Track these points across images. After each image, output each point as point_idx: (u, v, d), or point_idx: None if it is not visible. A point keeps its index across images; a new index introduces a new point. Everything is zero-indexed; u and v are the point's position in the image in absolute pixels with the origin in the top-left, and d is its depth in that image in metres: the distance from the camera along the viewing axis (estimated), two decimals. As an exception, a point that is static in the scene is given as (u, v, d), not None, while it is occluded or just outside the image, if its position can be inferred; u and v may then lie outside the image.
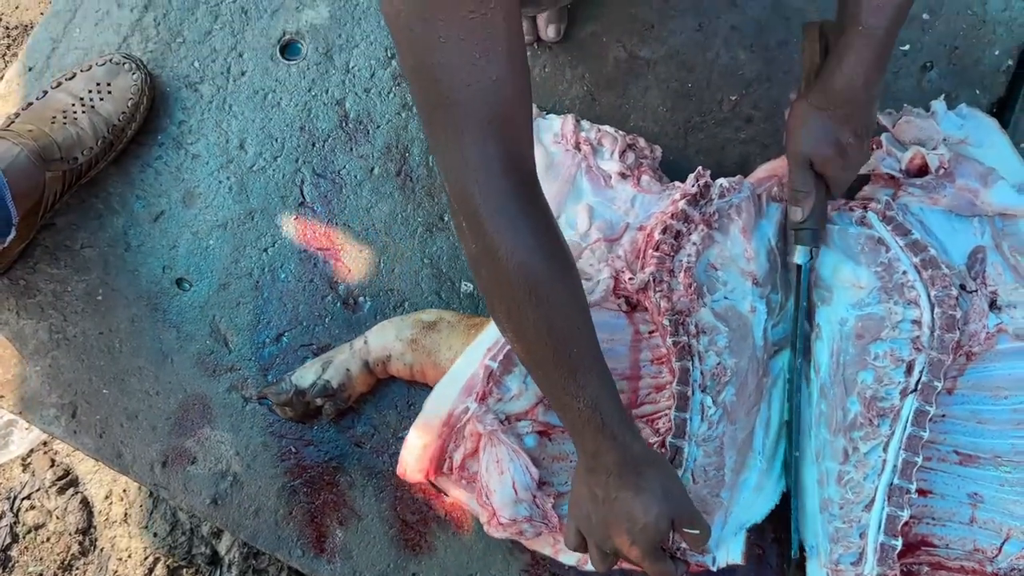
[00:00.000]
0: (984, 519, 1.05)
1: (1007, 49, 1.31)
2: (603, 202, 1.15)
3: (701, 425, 1.04)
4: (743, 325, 1.08)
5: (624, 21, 1.31)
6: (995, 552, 1.04)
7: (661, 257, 1.07)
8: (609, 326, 1.08)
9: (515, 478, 1.02)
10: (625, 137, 1.20)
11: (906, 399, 1.03)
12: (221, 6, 1.31)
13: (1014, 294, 1.07)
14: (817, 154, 1.03)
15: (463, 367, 1.07)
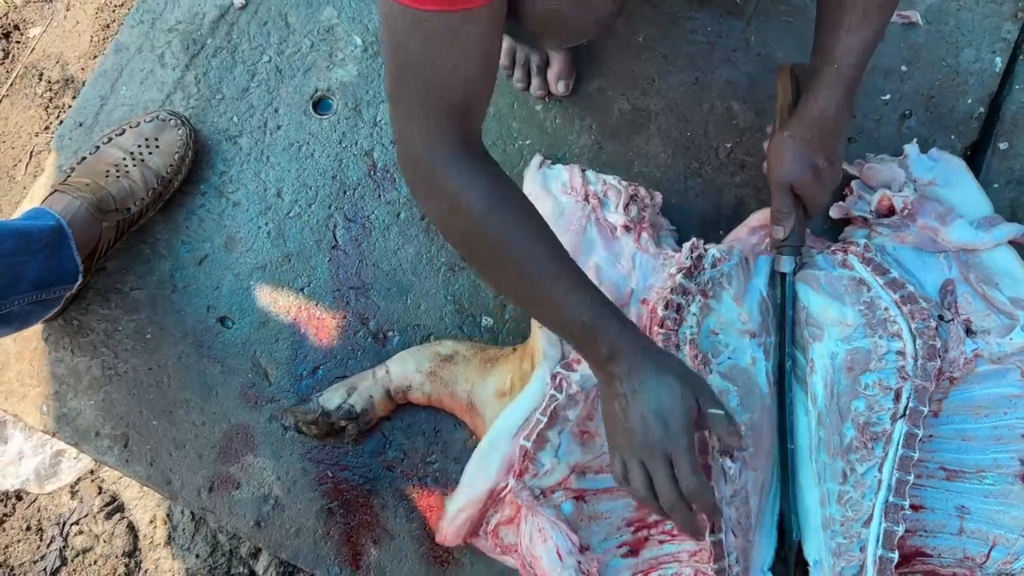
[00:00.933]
0: (972, 529, 1.11)
1: (979, 97, 1.40)
2: (609, 258, 1.20)
3: (726, 487, 1.10)
4: (748, 379, 1.15)
5: (627, 77, 1.40)
6: (983, 559, 1.10)
7: (666, 333, 1.13)
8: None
9: (558, 544, 1.09)
10: (628, 188, 1.26)
11: (896, 423, 1.10)
12: (257, 65, 1.41)
13: (986, 320, 1.15)
14: (796, 178, 1.13)
15: (497, 441, 1.13)
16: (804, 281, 1.19)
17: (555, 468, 1.12)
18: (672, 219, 1.33)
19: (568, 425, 1.13)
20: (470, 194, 0.92)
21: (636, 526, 1.16)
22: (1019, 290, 1.16)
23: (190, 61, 1.41)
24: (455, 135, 0.92)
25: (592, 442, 1.15)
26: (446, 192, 0.92)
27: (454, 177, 0.92)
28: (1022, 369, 1.12)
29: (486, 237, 0.93)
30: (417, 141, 0.92)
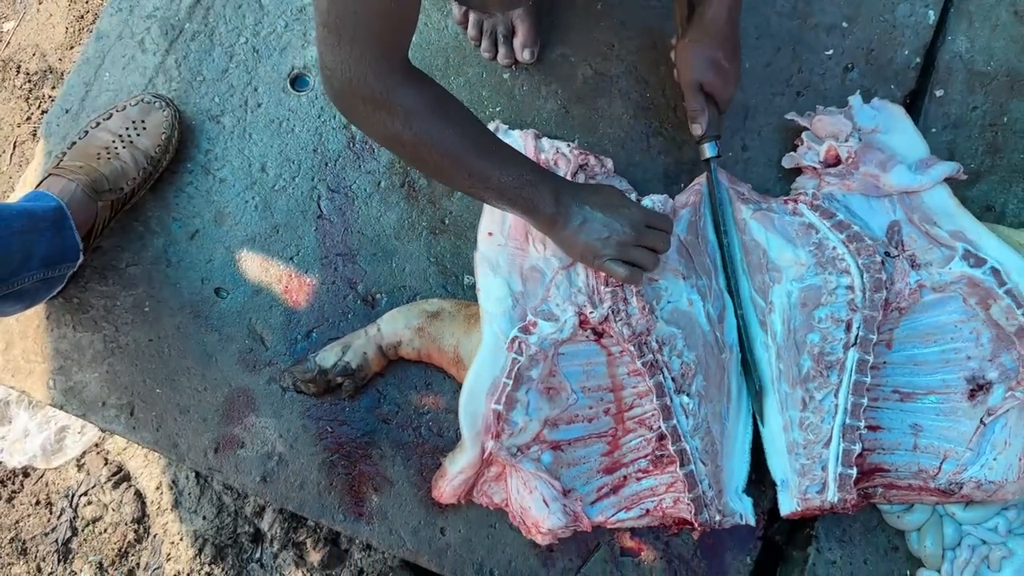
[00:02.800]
0: (925, 445, 1.19)
1: (915, 48, 1.48)
2: None
3: (688, 421, 1.17)
4: (689, 320, 1.21)
5: (588, 43, 1.44)
6: (936, 471, 1.17)
7: (613, 291, 1.19)
8: (584, 353, 1.20)
9: (543, 492, 1.15)
10: (578, 156, 1.31)
11: (848, 352, 1.17)
12: (235, 47, 1.44)
13: (928, 254, 1.22)
14: (704, 77, 1.25)
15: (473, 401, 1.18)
16: (760, 221, 1.26)
17: (528, 425, 1.17)
18: (636, 175, 1.39)
19: (533, 383, 1.18)
20: (416, 104, 1.01)
21: (611, 466, 1.22)
22: (956, 223, 1.24)
23: (170, 46, 1.43)
24: (392, 55, 0.99)
25: (558, 396, 1.20)
26: (393, 108, 1.00)
27: (399, 94, 0.99)
28: (963, 295, 1.19)
29: (435, 140, 1.03)
30: (355, 65, 0.97)
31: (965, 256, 1.18)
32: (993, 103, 1.44)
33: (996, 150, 1.42)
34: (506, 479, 1.20)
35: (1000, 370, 1.16)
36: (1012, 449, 1.13)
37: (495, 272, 1.23)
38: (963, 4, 1.50)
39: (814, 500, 1.16)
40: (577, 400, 1.19)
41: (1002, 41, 1.48)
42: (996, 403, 1.15)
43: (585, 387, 1.20)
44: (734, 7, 1.23)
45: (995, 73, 1.46)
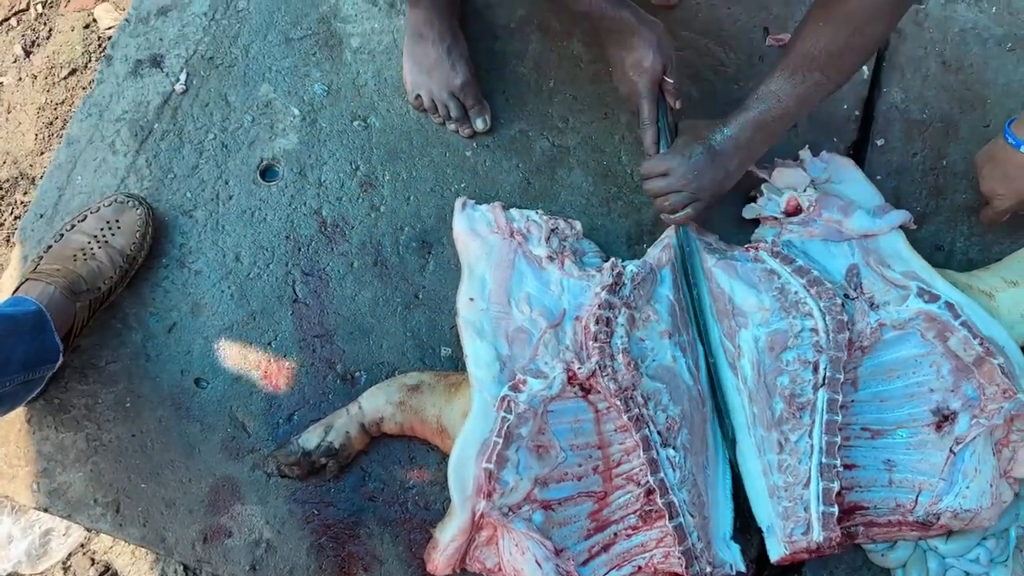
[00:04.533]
0: (899, 479, 1.20)
1: (853, 102, 1.54)
2: (540, 286, 1.28)
3: (675, 474, 1.18)
4: (673, 375, 1.23)
5: (544, 118, 1.49)
6: (912, 504, 1.19)
7: (601, 347, 1.20)
8: (572, 411, 1.21)
9: (535, 553, 1.14)
10: (548, 222, 1.34)
11: (818, 392, 1.19)
12: (204, 143, 1.47)
13: (886, 295, 1.25)
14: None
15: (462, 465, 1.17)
16: (723, 269, 1.29)
17: (519, 484, 1.17)
18: (600, 239, 1.43)
19: (523, 442, 1.18)
20: None
21: (601, 524, 1.21)
22: (908, 266, 1.28)
23: (140, 146, 1.46)
24: None
25: (548, 454, 1.20)
26: None
27: None
28: (921, 331, 1.22)
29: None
30: None
31: (920, 293, 1.22)
32: (931, 149, 1.50)
33: (939, 192, 1.48)
34: (497, 542, 1.19)
35: (963, 399, 1.19)
36: (983, 476, 1.15)
37: (481, 337, 1.24)
38: (894, 58, 1.58)
39: (800, 542, 1.17)
40: (566, 458, 1.20)
41: (933, 90, 1.55)
42: (963, 432, 1.17)
43: (573, 445, 1.21)
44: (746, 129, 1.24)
45: (930, 120, 1.53)
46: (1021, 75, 1.57)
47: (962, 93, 1.55)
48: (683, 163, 1.26)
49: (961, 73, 1.57)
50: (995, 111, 1.54)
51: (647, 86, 1.30)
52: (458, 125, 1.46)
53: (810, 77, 1.18)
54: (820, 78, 1.18)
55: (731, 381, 1.26)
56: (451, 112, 1.44)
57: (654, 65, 1.28)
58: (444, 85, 1.43)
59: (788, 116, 1.22)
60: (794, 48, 1.19)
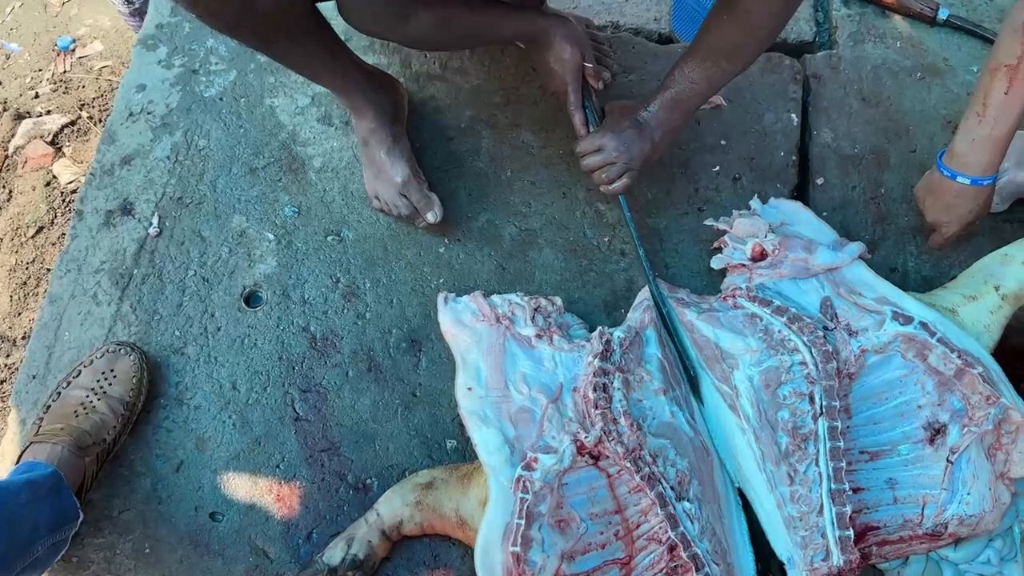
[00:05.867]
0: (903, 496, 1.23)
1: (788, 149, 1.63)
2: (533, 364, 1.31)
3: (694, 526, 1.19)
4: (674, 430, 1.26)
5: (507, 206, 1.54)
6: (920, 518, 1.21)
7: (602, 412, 1.23)
8: (585, 480, 1.23)
9: None
10: (530, 302, 1.38)
11: (818, 422, 1.22)
12: (185, 281, 1.50)
13: (861, 321, 1.30)
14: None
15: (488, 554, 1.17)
16: (706, 321, 1.34)
17: (546, 563, 1.17)
18: (580, 310, 1.47)
19: (544, 519, 1.19)
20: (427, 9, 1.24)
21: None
22: (878, 291, 1.33)
23: (122, 293, 1.48)
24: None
25: (569, 527, 1.21)
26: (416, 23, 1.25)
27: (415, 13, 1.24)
28: (901, 352, 1.27)
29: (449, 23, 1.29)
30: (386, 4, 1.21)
31: (895, 317, 1.27)
32: (868, 179, 1.60)
33: (883, 219, 1.57)
34: None
35: (950, 411, 1.24)
36: (981, 481, 1.20)
37: (486, 424, 1.26)
38: (818, 101, 1.68)
39: (822, 568, 1.18)
40: (588, 528, 1.21)
41: (859, 125, 1.66)
42: (956, 442, 1.21)
43: (592, 514, 1.22)
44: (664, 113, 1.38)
45: (862, 153, 1.62)
46: (934, 99, 1.68)
47: (886, 124, 1.65)
48: (614, 139, 1.38)
49: (881, 106, 1.67)
50: (918, 136, 1.64)
51: (570, 74, 1.42)
52: (413, 221, 1.51)
53: (716, 64, 1.33)
54: (725, 65, 1.33)
55: (734, 422, 1.28)
56: (401, 210, 1.50)
57: (573, 55, 1.40)
58: (389, 185, 1.48)
59: (700, 95, 1.37)
60: (702, 39, 1.33)
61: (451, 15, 1.30)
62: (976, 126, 1.27)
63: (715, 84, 1.36)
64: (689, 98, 1.37)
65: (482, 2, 1.38)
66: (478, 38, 1.47)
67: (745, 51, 1.33)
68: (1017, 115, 1.24)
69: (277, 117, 1.63)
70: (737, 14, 1.27)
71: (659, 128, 1.39)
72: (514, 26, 1.40)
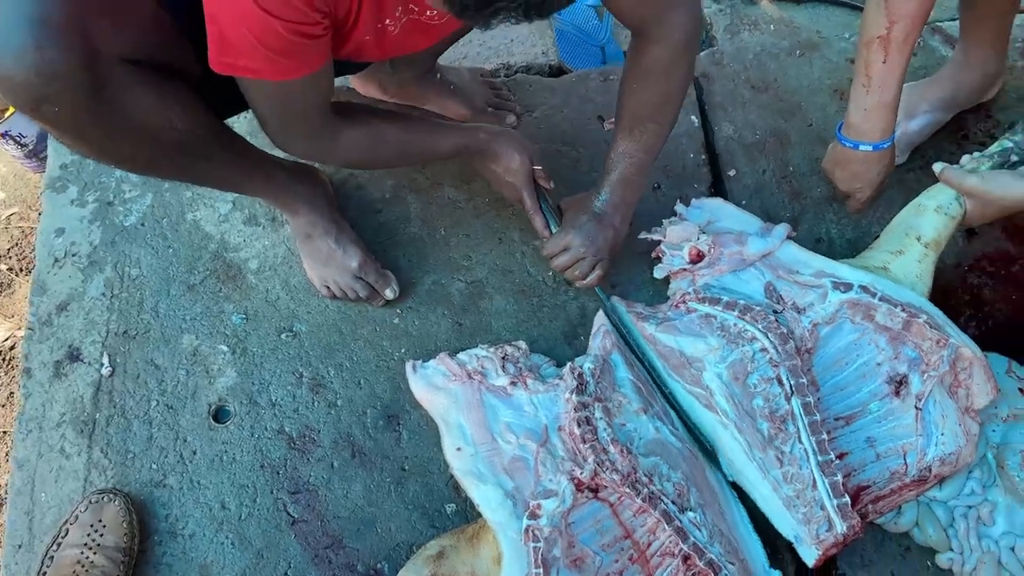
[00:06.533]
0: (884, 450, 1.29)
1: (696, 149, 1.69)
2: (514, 412, 1.33)
3: (702, 532, 1.22)
4: (662, 445, 1.30)
5: (449, 263, 1.57)
6: (904, 468, 1.27)
7: (591, 445, 1.25)
8: (591, 514, 1.25)
9: None
10: (496, 351, 1.40)
11: (791, 401, 1.28)
12: (150, 412, 1.47)
13: (805, 298, 1.37)
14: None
15: None
16: (665, 331, 1.39)
17: None
18: (542, 348, 1.49)
19: (559, 562, 1.20)
20: (356, 132, 1.31)
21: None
22: (813, 266, 1.40)
23: (90, 441, 1.45)
24: (329, 116, 1.27)
25: (584, 564, 1.22)
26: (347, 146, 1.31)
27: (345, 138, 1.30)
28: (849, 318, 1.34)
29: (381, 145, 1.35)
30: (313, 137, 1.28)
31: (835, 286, 1.34)
32: (775, 161, 1.67)
33: (797, 194, 1.65)
34: None
35: (907, 362, 1.30)
36: (950, 420, 1.26)
37: (483, 481, 1.27)
38: (712, 98, 1.76)
39: (828, 539, 1.23)
40: (602, 561, 1.23)
41: (755, 112, 1.74)
42: (919, 389, 1.28)
43: (603, 544, 1.24)
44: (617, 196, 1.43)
45: (764, 138, 1.70)
46: (817, 72, 1.78)
47: (778, 106, 1.74)
48: (578, 235, 1.43)
49: (770, 89, 1.76)
50: (810, 110, 1.73)
51: (523, 182, 1.46)
52: (371, 301, 1.53)
53: (646, 129, 1.36)
54: (654, 127, 1.37)
55: (715, 420, 1.32)
56: (359, 293, 1.51)
57: (522, 163, 1.44)
58: (344, 271, 1.50)
59: (643, 165, 1.41)
60: (623, 113, 1.37)
61: (383, 132, 1.33)
62: (865, 96, 1.35)
63: (652, 148, 1.39)
64: (634, 173, 1.41)
65: (420, 120, 1.43)
66: (417, 155, 1.47)
67: (667, 107, 1.36)
68: (900, 78, 1.33)
69: (203, 229, 1.62)
70: (642, 76, 1.32)
71: (616, 213, 1.43)
72: (454, 141, 1.41)
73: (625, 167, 1.40)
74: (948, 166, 1.36)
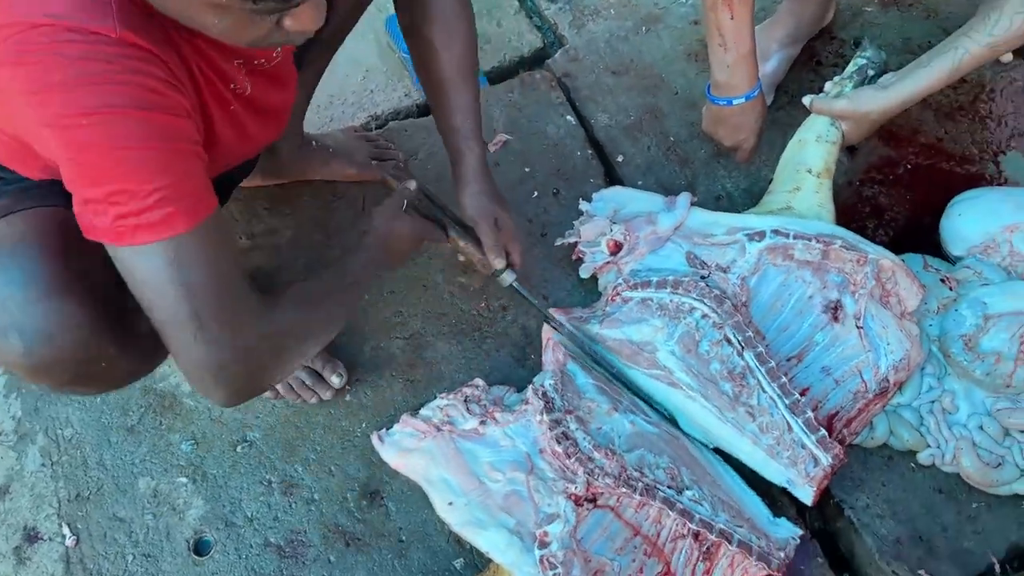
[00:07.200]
0: (840, 375, 1.35)
1: (581, 147, 1.71)
2: (492, 451, 1.32)
3: (705, 507, 1.24)
4: (642, 436, 1.31)
5: (382, 325, 1.55)
6: (863, 385, 1.33)
7: (577, 458, 1.26)
8: (596, 524, 1.25)
9: None
10: (457, 397, 1.40)
11: (744, 356, 1.32)
12: (129, 567, 1.36)
13: (726, 256, 1.41)
14: (494, 212, 1.38)
15: None
16: (609, 327, 1.41)
17: None
18: (499, 378, 1.48)
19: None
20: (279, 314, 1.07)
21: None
22: (724, 225, 1.45)
23: (73, 617, 1.38)
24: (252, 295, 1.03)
25: (605, 573, 1.23)
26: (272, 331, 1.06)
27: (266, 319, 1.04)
28: (771, 263, 1.39)
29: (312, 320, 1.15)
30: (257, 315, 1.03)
31: (750, 238, 1.40)
32: (656, 136, 1.72)
33: (685, 161, 1.70)
34: None
35: (836, 287, 1.36)
36: (891, 328, 1.32)
37: (484, 528, 1.26)
38: (580, 93, 1.79)
39: (817, 474, 1.27)
40: (620, 565, 1.23)
41: (623, 96, 1.78)
42: (854, 309, 1.34)
43: (617, 549, 1.25)
44: (483, 154, 1.39)
45: (639, 117, 1.75)
46: (667, 42, 1.84)
47: (642, 84, 1.79)
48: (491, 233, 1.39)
49: (630, 71, 1.81)
50: (672, 79, 1.79)
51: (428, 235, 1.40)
52: (319, 392, 1.49)
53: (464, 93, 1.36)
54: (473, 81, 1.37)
55: (681, 395, 1.36)
56: (305, 381, 1.48)
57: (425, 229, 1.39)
58: None
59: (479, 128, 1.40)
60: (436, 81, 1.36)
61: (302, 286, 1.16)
62: (724, 55, 1.40)
63: (478, 105, 1.38)
64: (477, 145, 1.39)
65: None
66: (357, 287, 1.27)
67: (473, 55, 1.36)
68: (750, 27, 1.39)
69: (124, 368, 1.56)
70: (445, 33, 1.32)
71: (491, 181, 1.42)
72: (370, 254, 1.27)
73: (468, 149, 1.37)
74: (816, 97, 1.42)
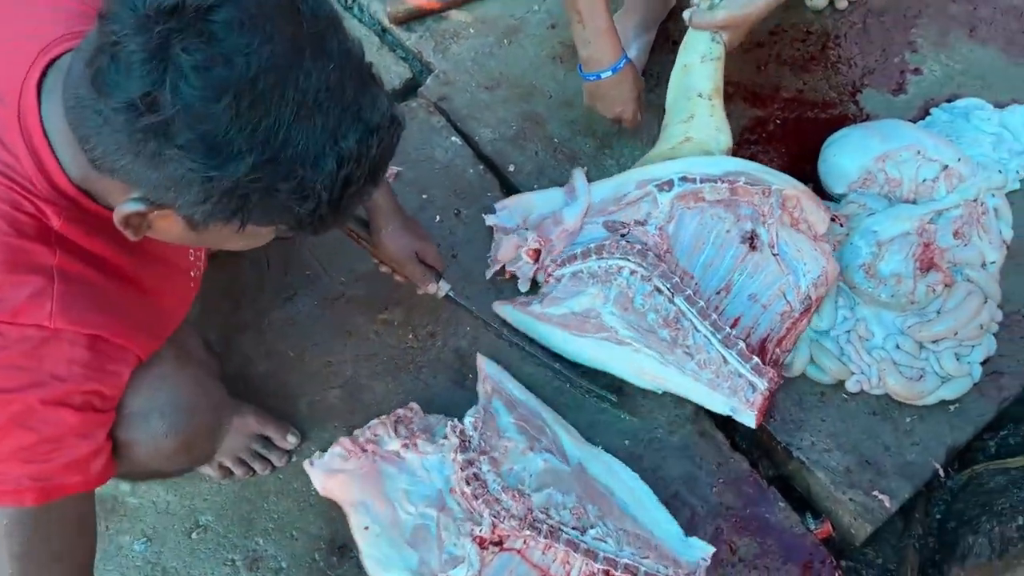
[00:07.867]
0: (765, 300, 1.41)
1: (473, 164, 1.71)
2: (408, 478, 1.31)
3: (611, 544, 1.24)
4: (552, 473, 1.31)
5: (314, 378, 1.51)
6: (789, 306, 1.40)
7: (484, 500, 1.25)
8: (503, 567, 1.24)
9: None
10: (389, 418, 1.37)
11: (675, 301, 1.37)
12: None
13: (640, 211, 1.47)
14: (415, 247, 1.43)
15: None
16: (551, 304, 1.45)
17: None
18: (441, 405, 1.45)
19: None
20: None
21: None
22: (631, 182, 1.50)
23: None
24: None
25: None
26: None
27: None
28: (684, 208, 1.44)
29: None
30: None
31: (659, 188, 1.45)
32: (541, 140, 1.76)
33: (573, 158, 1.73)
34: None
35: (749, 218, 1.43)
36: (805, 250, 1.39)
37: (387, 568, 1.25)
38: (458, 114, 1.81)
39: (756, 399, 1.33)
40: None
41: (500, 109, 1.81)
42: (768, 237, 1.41)
43: None
44: (388, 191, 1.42)
45: (520, 126, 1.78)
46: (531, 50, 1.88)
47: (516, 93, 1.82)
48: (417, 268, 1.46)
49: (502, 83, 1.84)
50: (544, 83, 1.83)
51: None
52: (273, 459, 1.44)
53: None
54: None
55: (628, 351, 1.40)
56: (258, 450, 1.43)
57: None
58: (238, 434, 1.40)
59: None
60: None
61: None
62: (583, 31, 1.47)
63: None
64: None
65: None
66: None
67: None
68: (604, 7, 1.45)
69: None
70: None
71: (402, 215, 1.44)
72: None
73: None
74: (693, 10, 1.45)
